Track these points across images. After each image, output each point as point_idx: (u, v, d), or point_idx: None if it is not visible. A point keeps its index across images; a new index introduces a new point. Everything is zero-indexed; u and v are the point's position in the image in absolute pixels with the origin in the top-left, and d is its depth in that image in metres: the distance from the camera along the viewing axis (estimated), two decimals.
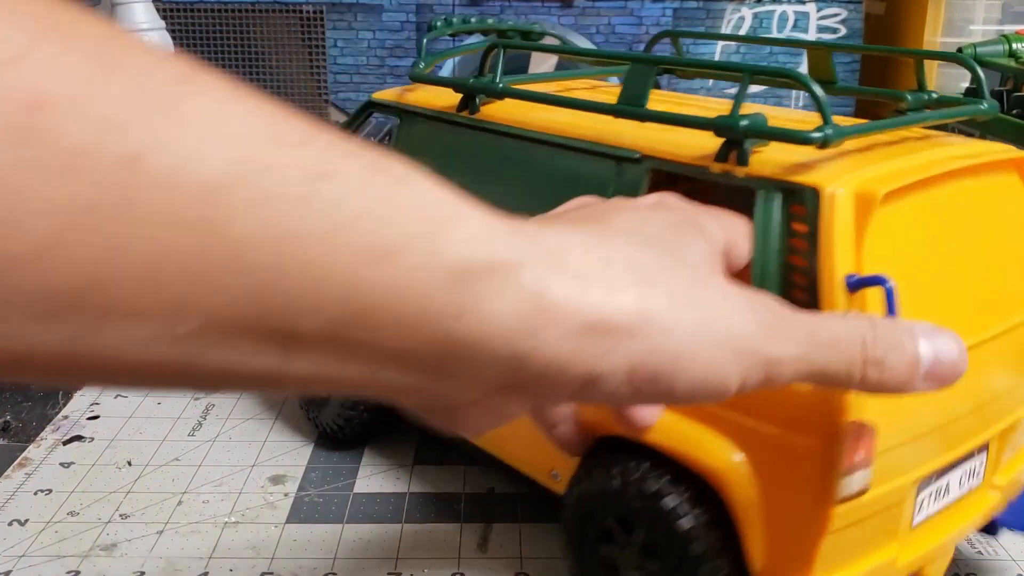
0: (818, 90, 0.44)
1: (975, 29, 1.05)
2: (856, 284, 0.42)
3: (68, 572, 0.58)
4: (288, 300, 0.25)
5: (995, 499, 0.53)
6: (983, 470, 0.52)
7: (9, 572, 0.57)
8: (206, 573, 0.58)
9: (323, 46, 1.13)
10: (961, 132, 0.55)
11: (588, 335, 0.30)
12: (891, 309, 0.42)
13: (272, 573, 0.58)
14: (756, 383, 0.35)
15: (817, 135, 0.43)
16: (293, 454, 0.72)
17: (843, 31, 1.14)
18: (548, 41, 0.75)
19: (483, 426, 0.31)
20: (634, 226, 0.35)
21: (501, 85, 0.57)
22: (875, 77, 1.17)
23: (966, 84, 0.94)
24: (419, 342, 0.28)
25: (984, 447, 0.51)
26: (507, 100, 0.58)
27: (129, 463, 0.70)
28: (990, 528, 0.55)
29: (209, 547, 0.60)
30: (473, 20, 0.74)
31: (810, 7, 1.13)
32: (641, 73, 0.50)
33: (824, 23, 1.14)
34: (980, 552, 0.61)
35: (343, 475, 0.69)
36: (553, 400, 0.34)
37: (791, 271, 0.44)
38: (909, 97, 0.54)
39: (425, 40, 0.70)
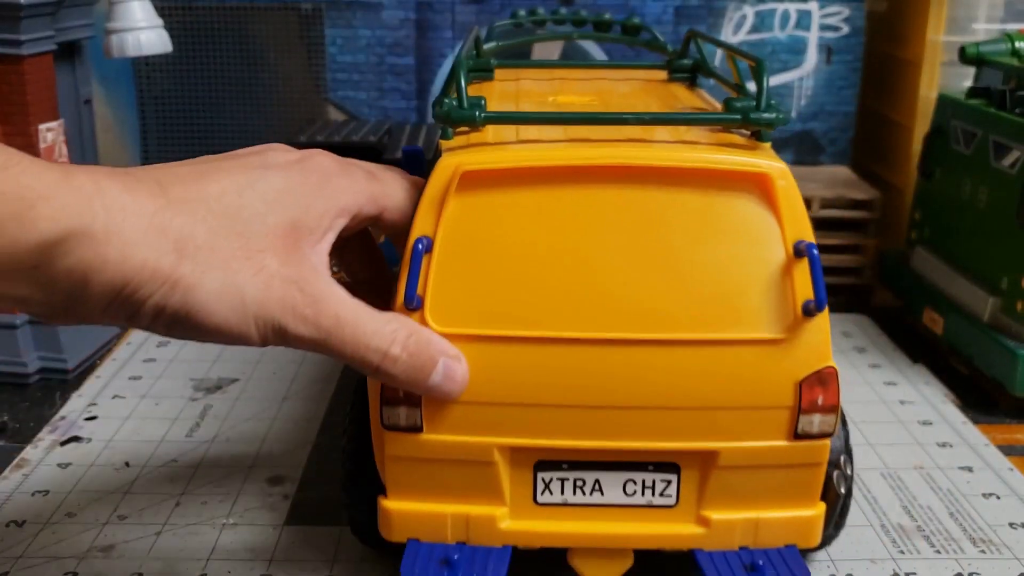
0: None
1: (978, 28, 1.04)
2: (415, 245, 0.49)
3: (66, 573, 0.57)
4: None
5: (696, 532, 0.52)
6: (675, 492, 0.51)
7: (7, 573, 0.57)
8: (204, 575, 0.57)
9: (322, 44, 1.13)
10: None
11: (128, 285, 0.42)
12: (414, 265, 0.49)
13: (271, 575, 0.58)
14: (277, 342, 0.46)
15: (468, 114, 0.51)
16: (292, 455, 0.71)
17: (846, 29, 1.14)
18: (643, 36, 0.81)
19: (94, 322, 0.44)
20: (222, 191, 0.45)
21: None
22: (876, 78, 1.17)
23: (968, 83, 0.93)
24: (8, 283, 0.41)
25: (670, 466, 0.51)
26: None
27: (127, 464, 0.70)
28: (693, 569, 0.52)
29: (207, 548, 0.60)
30: (563, 11, 0.85)
31: (812, 5, 1.13)
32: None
33: (826, 21, 1.13)
34: (983, 551, 0.61)
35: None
36: (113, 324, 0.45)
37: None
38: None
39: (493, 27, 0.79)
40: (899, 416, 0.79)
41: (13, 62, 0.76)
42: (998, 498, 0.67)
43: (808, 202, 1.02)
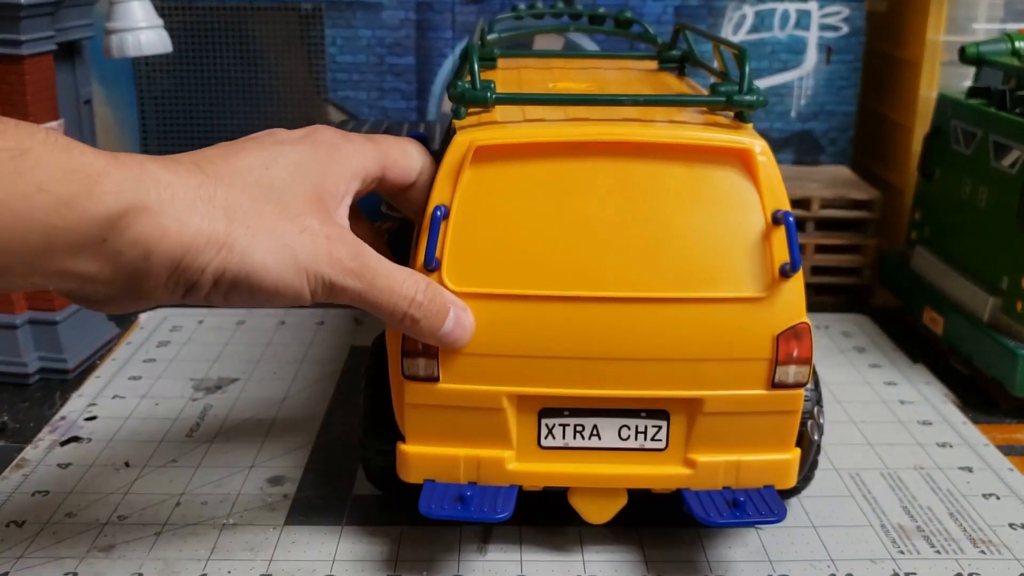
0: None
1: (978, 27, 1.04)
2: (434, 212, 0.53)
3: (66, 573, 0.57)
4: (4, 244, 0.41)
5: (683, 472, 0.57)
6: (664, 436, 0.56)
7: (7, 573, 0.57)
8: (204, 574, 0.57)
9: (322, 44, 1.13)
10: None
11: (188, 253, 0.45)
12: (433, 231, 0.53)
13: (271, 575, 0.58)
14: (324, 297, 0.49)
15: (481, 95, 0.56)
16: (292, 455, 0.71)
17: (845, 29, 1.14)
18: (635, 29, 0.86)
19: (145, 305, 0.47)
20: (250, 166, 0.49)
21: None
22: (875, 78, 1.17)
23: (968, 83, 0.93)
24: (80, 259, 0.43)
25: (660, 413, 0.56)
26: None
27: (127, 464, 0.70)
28: (682, 506, 0.57)
29: (207, 549, 0.60)
30: (560, 4, 0.88)
31: (812, 5, 1.13)
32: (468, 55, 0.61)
33: (826, 21, 1.13)
34: (983, 551, 0.61)
35: (342, 477, 0.68)
36: (171, 299, 0.47)
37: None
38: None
39: (494, 21, 0.84)
40: (899, 416, 0.79)
41: (13, 62, 0.76)
42: (998, 498, 0.67)
43: (808, 202, 1.02)
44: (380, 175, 0.56)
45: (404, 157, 0.57)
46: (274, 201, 0.48)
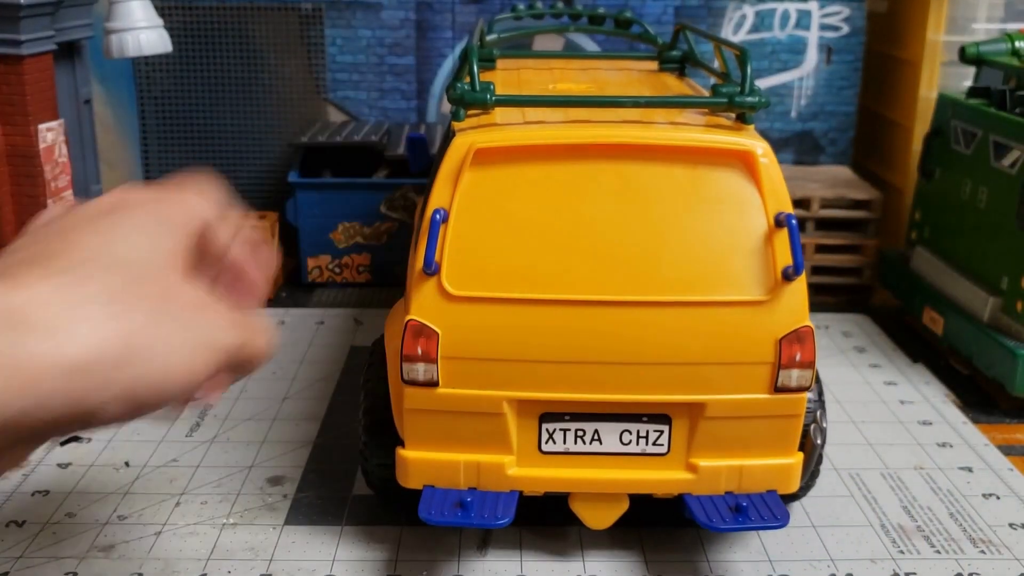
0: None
1: (978, 27, 1.04)
2: (433, 216, 0.53)
3: (66, 573, 0.57)
4: None
5: (685, 477, 0.56)
6: (666, 441, 0.56)
7: (7, 573, 0.57)
8: (204, 574, 0.57)
9: (322, 44, 1.13)
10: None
11: (76, 376, 0.33)
12: (432, 234, 0.53)
13: (270, 575, 0.58)
14: (217, 367, 0.39)
15: (480, 97, 0.56)
16: (292, 455, 0.71)
17: (846, 29, 1.14)
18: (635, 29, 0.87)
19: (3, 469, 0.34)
20: (99, 247, 0.37)
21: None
22: (875, 78, 1.17)
23: (968, 83, 0.93)
24: None
25: (661, 417, 0.55)
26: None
27: (127, 464, 0.70)
28: (684, 511, 0.57)
29: (207, 549, 0.60)
30: (560, 4, 0.89)
31: (812, 5, 1.13)
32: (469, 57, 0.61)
33: (826, 21, 1.13)
34: (983, 551, 0.61)
35: (342, 477, 0.68)
36: (71, 430, 0.35)
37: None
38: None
39: (493, 21, 0.84)
40: (899, 416, 0.79)
41: (13, 62, 0.76)
42: (998, 498, 0.67)
43: (808, 202, 1.02)
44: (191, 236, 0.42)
45: (207, 191, 0.43)
46: (143, 278, 0.37)
